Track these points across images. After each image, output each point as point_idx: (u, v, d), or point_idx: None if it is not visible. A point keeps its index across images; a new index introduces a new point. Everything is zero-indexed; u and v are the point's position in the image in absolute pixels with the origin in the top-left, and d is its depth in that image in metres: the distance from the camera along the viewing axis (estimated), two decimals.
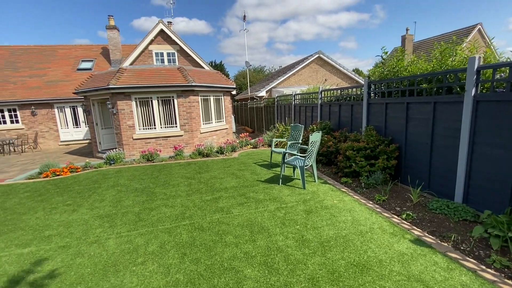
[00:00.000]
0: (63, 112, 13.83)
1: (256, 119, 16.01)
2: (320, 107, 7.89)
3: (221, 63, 41.21)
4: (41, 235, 3.61)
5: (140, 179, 6.05)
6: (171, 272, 2.66)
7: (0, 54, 15.65)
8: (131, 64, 13.97)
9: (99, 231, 3.63)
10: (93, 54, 16.50)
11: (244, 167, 6.71)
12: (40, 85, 13.96)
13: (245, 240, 3.19)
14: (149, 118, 8.95)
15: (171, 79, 8.90)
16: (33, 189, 5.72)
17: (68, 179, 6.33)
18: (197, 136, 9.44)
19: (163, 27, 14.36)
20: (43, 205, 4.72)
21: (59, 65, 15.40)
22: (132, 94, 8.60)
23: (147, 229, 3.61)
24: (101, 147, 9.94)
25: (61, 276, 2.69)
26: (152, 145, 8.90)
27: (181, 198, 4.73)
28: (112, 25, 14.83)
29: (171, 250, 3.05)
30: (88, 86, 9.11)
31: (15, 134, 13.37)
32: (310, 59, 17.22)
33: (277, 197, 4.52)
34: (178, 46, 14.86)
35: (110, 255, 3.01)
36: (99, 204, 4.62)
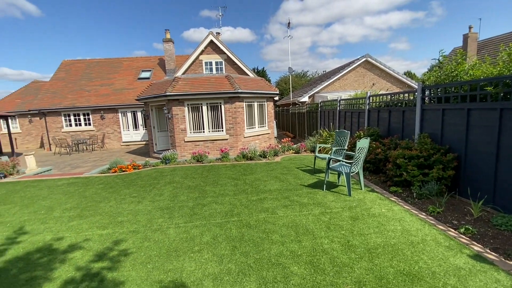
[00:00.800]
0: (126, 116, 15.70)
1: (297, 124, 16.02)
2: (367, 112, 7.65)
3: (263, 69, 42.09)
4: (115, 220, 4.25)
5: (192, 177, 6.62)
6: (224, 261, 2.95)
7: (78, 67, 18.49)
8: (183, 73, 15.25)
9: (161, 220, 4.14)
10: (151, 64, 18.42)
11: (287, 171, 6.85)
12: (109, 92, 16.09)
13: (290, 239, 3.34)
14: (198, 122, 9.70)
15: (219, 87, 9.54)
16: (105, 182, 6.68)
17: (132, 175, 7.23)
18: (241, 140, 9.89)
19: (213, 38, 15.40)
20: (114, 196, 5.52)
21: (124, 75, 17.56)
22: (185, 101, 9.44)
23: (200, 222, 4.01)
24: (157, 148, 11.05)
25: (134, 255, 3.18)
26: (201, 147, 9.60)
27: (229, 196, 5.08)
28: (168, 38, 16.43)
29: (222, 242, 3.36)
30: (148, 94, 10.26)
31: (88, 134, 15.61)
32: (357, 63, 16.65)
33: (322, 202, 4.56)
34: (226, 55, 15.75)
35: (171, 242, 3.44)
36: (159, 197, 5.23)
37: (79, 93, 16.14)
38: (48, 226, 4.14)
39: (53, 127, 15.48)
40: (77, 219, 4.37)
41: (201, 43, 15.48)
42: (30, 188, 6.41)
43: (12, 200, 5.56)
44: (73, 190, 6.06)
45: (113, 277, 2.75)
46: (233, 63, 15.86)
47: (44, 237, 3.77)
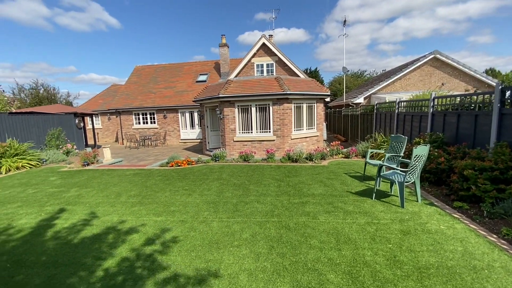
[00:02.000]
0: (184, 116, 17.18)
1: (350, 127, 15.16)
2: (431, 116, 6.83)
3: (316, 69, 41.01)
4: (168, 209, 4.74)
5: (237, 176, 6.91)
6: (260, 259, 3.03)
7: (147, 72, 20.96)
8: (236, 76, 15.94)
9: (206, 213, 4.45)
10: (208, 68, 19.75)
11: (333, 176, 6.59)
12: (171, 94, 17.83)
13: (330, 246, 3.23)
14: (247, 123, 10.03)
15: (268, 88, 9.70)
16: (163, 174, 7.46)
17: (186, 170, 7.91)
18: (287, 141, 9.87)
19: (265, 41, 15.71)
20: (170, 187, 6.13)
21: (184, 78, 19.24)
22: (236, 102, 9.88)
23: (242, 218, 4.17)
24: (209, 146, 11.81)
25: (180, 242, 3.50)
26: (248, 147, 9.91)
27: (271, 197, 5.16)
28: (223, 43, 17.38)
29: (261, 241, 3.44)
30: (203, 96, 11.05)
31: (152, 132, 17.58)
32: (422, 60, 14.92)
33: (369, 212, 4.27)
34: (277, 57, 15.89)
35: (213, 234, 3.68)
36: (207, 192, 5.62)
37: (147, 95, 18.31)
38: (116, 209, 4.85)
39: (125, 124, 17.91)
40: (138, 205, 5.01)
41: (253, 46, 15.94)
42: (105, 176, 7.58)
43: (91, 184, 6.66)
44: (137, 180, 6.94)
45: (162, 260, 3.09)
46: (284, 64, 15.90)
47: (112, 218, 4.43)
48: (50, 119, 11.82)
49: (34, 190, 6.33)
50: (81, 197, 5.61)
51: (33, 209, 4.99)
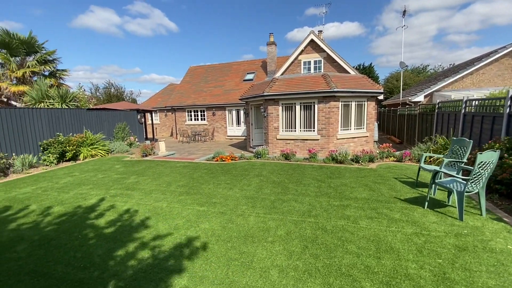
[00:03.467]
0: (231, 113, 17.87)
1: (406, 128, 13.80)
2: (507, 118, 5.81)
3: (370, 65, 38.18)
4: (210, 200, 5.04)
5: (277, 173, 6.95)
6: (293, 257, 3.03)
7: (199, 71, 22.34)
8: (282, 74, 15.90)
9: (244, 208, 4.60)
10: (255, 67, 20.11)
11: (381, 180, 6.13)
12: (220, 93, 18.72)
13: (368, 254, 3.05)
14: (291, 121, 9.95)
15: (314, 86, 9.45)
16: (208, 168, 7.93)
17: (229, 165, 8.27)
18: (333, 141, 9.49)
19: (313, 37, 15.29)
20: (213, 180, 6.50)
21: (232, 77, 19.98)
22: (280, 100, 9.88)
23: (278, 216, 4.21)
24: (253, 143, 12.09)
25: (218, 232, 3.71)
26: (290, 146, 9.85)
27: (309, 197, 5.06)
28: (271, 41, 17.48)
29: (295, 240, 3.43)
30: (249, 94, 11.33)
31: (202, 128, 18.73)
32: (502, 52, 12.69)
33: (418, 221, 3.88)
34: (325, 53, 15.33)
35: (249, 228, 3.80)
36: (246, 187, 5.80)
37: (198, 93, 19.57)
38: (165, 197, 5.36)
39: (179, 120, 19.46)
40: (185, 195, 5.45)
41: (301, 43, 15.65)
42: (159, 166, 8.40)
43: (147, 173, 7.47)
44: (185, 172, 7.53)
45: (200, 246, 3.33)
46: (333, 61, 15.24)
47: (162, 204, 4.92)
48: (117, 114, 13.56)
49: (103, 175, 7.38)
50: (138, 184, 6.34)
51: (101, 191, 5.84)
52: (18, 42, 13.24)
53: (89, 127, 11.51)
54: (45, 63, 14.51)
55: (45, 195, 5.68)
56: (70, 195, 5.67)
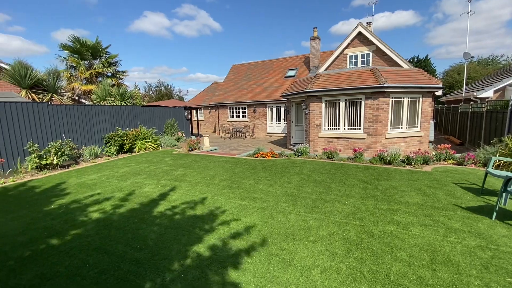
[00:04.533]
0: (271, 111, 17.90)
1: (469, 127, 12.18)
2: None
3: (426, 58, 34.50)
4: (251, 195, 5.15)
5: (319, 172, 6.76)
6: (336, 259, 2.93)
7: (242, 69, 22.79)
8: (325, 69, 15.34)
9: (285, 205, 4.59)
10: (297, 63, 19.76)
11: (437, 185, 5.53)
12: (261, 90, 18.87)
13: (421, 264, 2.80)
14: (334, 119, 9.56)
15: (361, 81, 8.91)
16: (249, 164, 8.08)
17: (269, 162, 8.32)
18: (381, 140, 8.86)
19: (361, 29, 14.39)
20: (254, 176, 6.61)
21: (273, 74, 19.96)
22: (323, 97, 9.56)
23: (320, 216, 4.10)
24: (293, 140, 11.95)
25: (259, 227, 3.78)
26: (333, 144, 9.48)
27: (354, 198, 4.82)
28: (315, 36, 16.96)
29: (338, 241, 3.31)
30: (290, 91, 11.19)
31: (243, 125, 19.14)
32: None
33: (484, 233, 3.42)
34: (374, 46, 14.31)
35: (290, 226, 3.78)
36: (287, 185, 5.77)
37: (240, 91, 20.02)
38: (210, 189, 5.63)
39: (222, 117, 20.19)
40: (227, 188, 5.65)
41: (347, 37, 14.87)
42: (203, 160, 8.85)
43: (193, 166, 7.93)
44: (228, 166, 7.79)
45: (242, 240, 3.43)
46: (383, 54, 14.16)
47: (207, 195, 5.19)
48: (167, 111, 14.63)
49: (154, 167, 8.06)
50: (185, 176, 6.78)
51: (153, 181, 6.39)
52: (87, 47, 15.14)
53: (143, 122, 12.65)
54: (108, 65, 16.35)
55: (107, 182, 6.44)
56: (128, 183, 6.33)
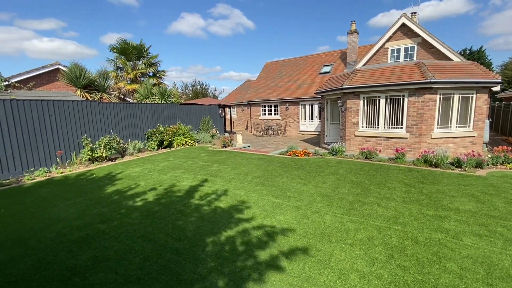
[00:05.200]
0: (304, 108, 17.56)
1: None
2: None
3: (480, 49, 30.93)
4: (284, 194, 5.12)
5: (356, 173, 6.47)
6: (376, 265, 2.78)
7: (275, 67, 22.66)
8: (364, 64, 14.57)
9: (320, 205, 4.48)
10: (333, 58, 19.06)
11: (493, 191, 4.95)
12: (294, 87, 18.60)
13: (475, 277, 2.53)
14: (373, 117, 9.06)
15: (405, 77, 8.29)
16: (282, 162, 8.04)
17: (302, 160, 8.18)
18: (425, 141, 8.18)
19: (405, 20, 13.36)
20: (287, 174, 6.56)
21: (307, 71, 19.52)
22: (361, 94, 9.10)
23: (358, 218, 3.93)
24: (327, 139, 11.59)
25: (293, 226, 3.74)
26: (371, 144, 8.99)
27: (395, 202, 4.53)
28: (353, 29, 16.17)
29: (378, 246, 3.15)
30: (325, 88, 10.85)
31: (275, 122, 19.07)
32: None
33: None
34: (420, 38, 13.20)
35: (326, 227, 3.69)
36: (321, 185, 5.63)
37: (273, 88, 19.95)
38: (243, 185, 5.73)
39: (254, 115, 20.35)
40: (260, 185, 5.69)
41: (389, 29, 13.92)
42: (237, 157, 9.02)
43: (227, 163, 8.12)
44: (260, 164, 7.85)
45: (276, 238, 3.43)
46: (430, 46, 12.99)
47: (240, 192, 5.28)
48: (203, 109, 15.18)
49: (191, 162, 8.43)
50: (220, 172, 6.98)
51: (190, 176, 6.69)
52: (133, 48, 16.30)
53: (180, 119, 13.29)
54: (150, 65, 17.45)
55: (149, 175, 6.90)
56: (168, 176, 6.71)
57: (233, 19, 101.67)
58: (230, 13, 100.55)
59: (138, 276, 2.74)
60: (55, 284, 2.67)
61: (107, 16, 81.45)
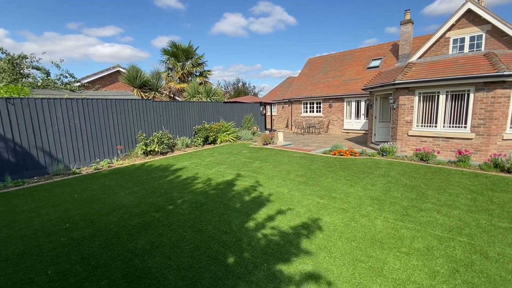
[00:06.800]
0: (350, 105, 16.70)
1: None
2: None
3: None
4: (329, 194, 4.95)
5: (410, 176, 5.93)
6: (437, 279, 2.52)
7: (318, 62, 21.96)
8: (420, 57, 13.24)
9: (369, 209, 4.23)
10: (383, 52, 17.72)
11: None
12: (338, 83, 17.81)
13: None
14: (430, 114, 8.19)
15: (471, 70, 7.31)
16: (325, 161, 7.78)
17: (348, 160, 7.80)
18: (495, 142, 7.12)
19: (471, 5, 11.73)
20: (332, 174, 6.33)
21: (354, 66, 18.50)
22: (417, 89, 8.30)
23: (413, 225, 3.61)
24: (375, 138, 10.86)
25: (341, 228, 3.59)
26: (427, 144, 8.15)
27: (459, 211, 4.04)
28: (407, 19, 14.79)
29: (439, 258, 2.84)
30: (375, 83, 10.14)
31: (317, 120, 18.53)
32: None
33: None
34: (490, 25, 11.47)
35: (377, 232, 3.46)
36: (370, 187, 5.30)
37: (315, 85, 19.39)
38: (286, 183, 5.69)
39: (295, 112, 20.06)
40: (303, 185, 5.59)
41: (451, 16, 12.39)
42: (278, 155, 9.00)
43: (268, 160, 8.16)
44: (303, 162, 7.71)
45: (323, 238, 3.33)
46: (502, 34, 11.22)
47: (283, 190, 5.26)
48: (244, 106, 15.48)
49: (234, 158, 8.68)
50: (262, 169, 7.05)
51: (233, 171, 6.89)
52: (182, 50, 17.36)
53: (224, 117, 13.76)
54: (197, 65, 18.38)
55: (196, 169, 7.30)
56: (213, 171, 7.02)
57: (274, 15, 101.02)
58: (272, 10, 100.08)
59: (189, 264, 2.92)
60: (119, 264, 2.99)
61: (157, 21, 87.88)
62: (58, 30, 75.55)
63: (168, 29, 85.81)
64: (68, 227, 3.95)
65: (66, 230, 3.88)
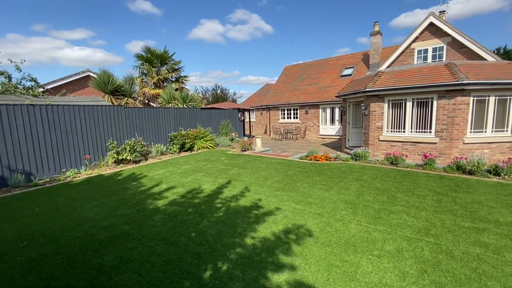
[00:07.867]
0: (325, 112, 17.21)
1: None
2: None
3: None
4: (305, 200, 4.99)
5: (381, 179, 6.18)
6: (407, 280, 2.60)
7: (295, 70, 22.51)
8: (388, 66, 14.04)
9: (344, 213, 4.31)
10: (355, 61, 18.58)
11: None
12: (314, 91, 18.33)
13: None
14: (399, 121, 8.65)
15: (434, 78, 7.85)
16: (302, 167, 7.88)
17: (323, 165, 7.97)
18: (457, 146, 7.66)
19: (433, 19, 12.72)
20: (308, 180, 6.41)
21: (328, 74, 19.17)
22: (386, 96, 8.74)
23: (385, 228, 3.72)
24: (349, 143, 11.24)
25: (316, 234, 3.61)
26: (397, 148, 8.58)
27: (426, 212, 4.25)
28: (376, 31, 15.68)
29: (409, 259, 2.94)
30: (348, 90, 10.55)
31: (294, 126, 18.86)
32: None
33: None
34: (450, 37, 12.50)
35: (350, 236, 3.52)
36: (344, 191, 5.42)
37: (292, 92, 19.80)
38: (263, 190, 5.66)
39: (273, 118, 20.28)
40: (280, 190, 5.60)
41: (415, 29, 13.33)
42: (256, 161, 8.99)
43: (246, 167, 8.11)
44: (280, 168, 7.75)
45: (298, 245, 3.32)
46: (461, 46, 12.26)
47: (260, 196, 5.22)
48: (222, 113, 15.37)
49: (211, 165, 8.52)
50: (240, 176, 6.97)
51: (211, 179, 6.74)
52: (156, 56, 16.94)
53: (201, 123, 13.54)
54: (172, 71, 18.00)
55: (171, 178, 7.05)
56: (189, 179, 6.81)
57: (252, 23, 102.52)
58: (249, 18, 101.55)
59: (160, 279, 2.76)
60: (83, 283, 2.75)
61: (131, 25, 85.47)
62: (22, 32, 70.84)
63: (143, 33, 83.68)
64: (26, 245, 3.60)
65: (23, 248, 3.53)
